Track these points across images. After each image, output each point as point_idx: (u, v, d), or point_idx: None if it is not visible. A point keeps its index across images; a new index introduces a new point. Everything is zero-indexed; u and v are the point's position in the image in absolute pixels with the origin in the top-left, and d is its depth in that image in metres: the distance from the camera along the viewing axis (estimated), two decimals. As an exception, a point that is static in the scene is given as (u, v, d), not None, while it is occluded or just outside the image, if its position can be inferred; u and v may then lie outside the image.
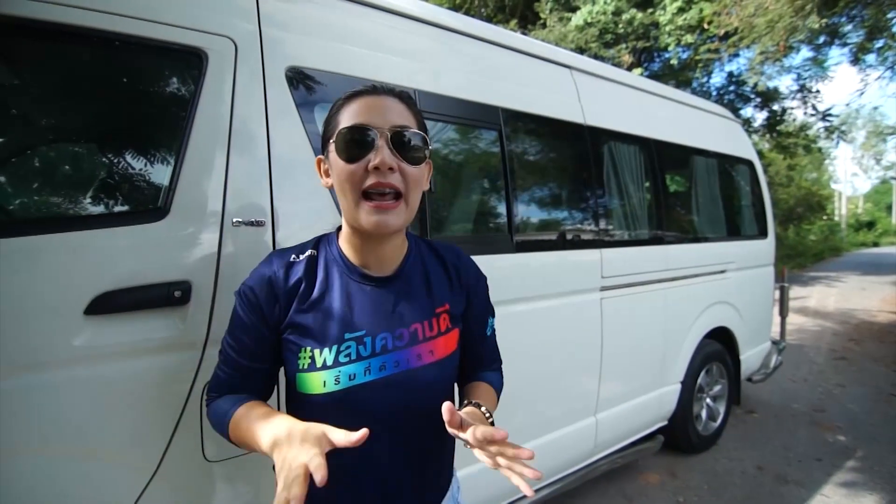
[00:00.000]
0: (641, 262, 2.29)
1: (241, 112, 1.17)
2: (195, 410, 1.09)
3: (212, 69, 1.14)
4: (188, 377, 1.09)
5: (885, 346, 5.44)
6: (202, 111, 1.12)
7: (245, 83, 1.19)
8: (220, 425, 0.78)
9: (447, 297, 0.83)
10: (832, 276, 12.00)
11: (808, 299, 8.46)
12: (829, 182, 29.51)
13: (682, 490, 2.53)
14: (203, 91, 1.13)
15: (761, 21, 7.40)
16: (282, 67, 1.26)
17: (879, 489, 2.53)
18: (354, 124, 0.71)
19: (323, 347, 0.73)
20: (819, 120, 12.94)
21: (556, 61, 2.06)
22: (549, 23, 9.64)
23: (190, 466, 1.09)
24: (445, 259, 0.86)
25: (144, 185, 1.08)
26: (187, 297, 1.07)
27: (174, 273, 1.06)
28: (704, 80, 12.23)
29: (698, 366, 2.73)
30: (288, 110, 1.26)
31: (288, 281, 0.76)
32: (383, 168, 0.69)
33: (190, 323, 1.08)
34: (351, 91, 0.76)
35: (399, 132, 0.72)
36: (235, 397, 0.79)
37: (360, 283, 0.78)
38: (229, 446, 1.12)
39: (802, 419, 3.47)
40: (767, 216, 3.42)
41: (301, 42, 1.32)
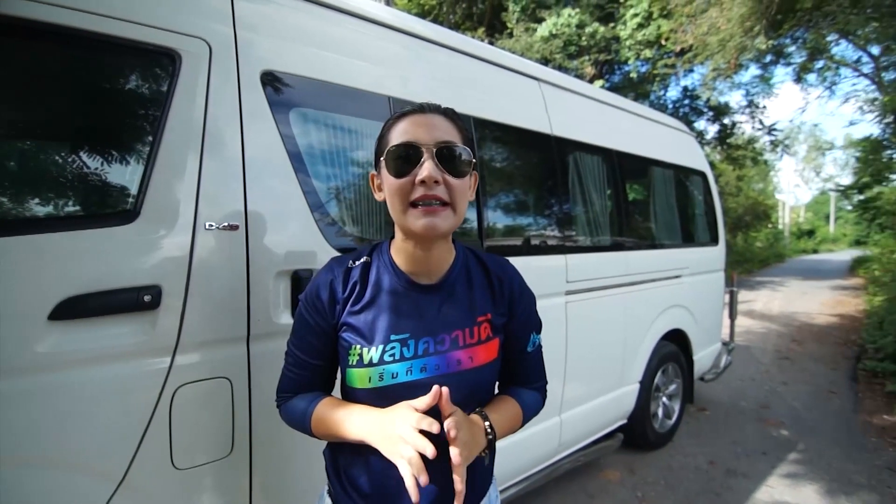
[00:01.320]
0: (604, 267, 2.39)
1: (215, 114, 1.16)
2: (164, 417, 1.07)
3: (185, 70, 1.13)
4: (157, 384, 1.07)
5: (825, 347, 5.85)
6: (175, 113, 1.10)
7: (219, 85, 1.18)
8: (300, 422, 0.85)
9: (489, 307, 0.86)
10: (776, 281, 12.76)
11: (754, 303, 8.97)
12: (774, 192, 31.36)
13: (641, 485, 2.64)
14: (176, 92, 1.11)
15: (714, 39, 7.84)
16: (256, 71, 1.26)
17: (818, 479, 2.73)
18: (402, 142, 0.76)
19: (370, 346, 0.80)
20: (765, 134, 13.80)
21: (525, 73, 2.14)
22: (516, 32, 9.86)
23: (158, 474, 1.07)
24: (490, 270, 0.89)
25: (114, 186, 1.06)
26: (157, 301, 1.05)
27: (144, 277, 1.04)
28: (661, 93, 12.81)
29: (655, 366, 2.86)
30: (262, 114, 1.26)
31: (346, 285, 0.83)
32: (429, 182, 0.74)
33: (160, 328, 1.06)
34: (400, 111, 0.81)
35: (443, 147, 0.76)
36: (309, 395, 0.87)
37: (407, 289, 0.83)
38: (199, 454, 1.12)
39: (750, 415, 3.69)
40: (719, 224, 3.63)
41: (276, 46, 1.32)
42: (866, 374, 4.65)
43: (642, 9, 9.44)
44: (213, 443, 1.16)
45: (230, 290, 1.17)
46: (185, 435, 1.10)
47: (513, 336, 0.89)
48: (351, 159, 1.48)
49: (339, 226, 1.41)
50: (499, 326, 0.86)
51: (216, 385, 1.15)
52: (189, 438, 1.11)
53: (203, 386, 1.13)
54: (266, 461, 1.24)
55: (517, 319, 0.89)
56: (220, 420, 1.16)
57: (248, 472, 1.21)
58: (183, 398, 1.10)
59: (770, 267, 17.57)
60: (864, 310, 7.86)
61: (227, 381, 1.17)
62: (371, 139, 1.53)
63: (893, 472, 2.81)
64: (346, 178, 1.47)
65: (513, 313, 0.88)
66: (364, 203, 1.48)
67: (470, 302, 0.85)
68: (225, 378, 1.16)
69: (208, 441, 1.15)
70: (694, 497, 2.54)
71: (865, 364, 4.81)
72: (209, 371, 1.14)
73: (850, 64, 12.73)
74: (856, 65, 12.66)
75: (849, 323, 7.19)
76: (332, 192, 1.42)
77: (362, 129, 1.50)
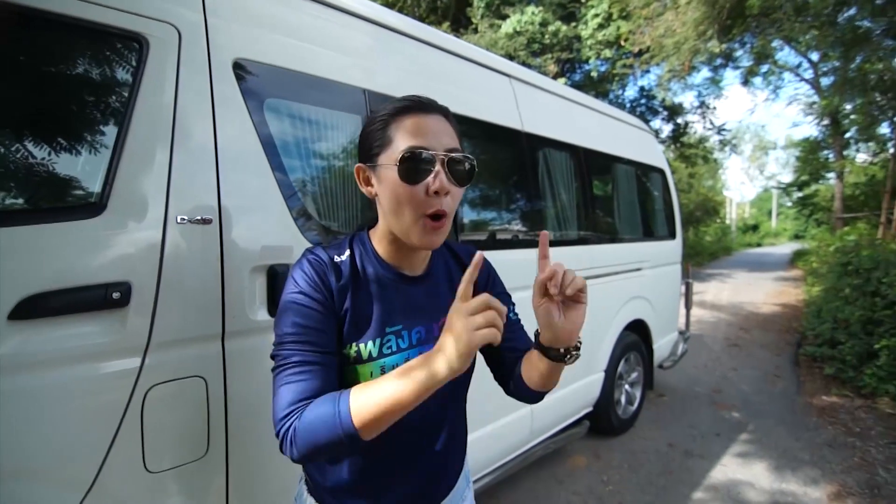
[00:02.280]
0: (572, 260, 2.46)
1: (186, 104, 1.12)
2: (135, 419, 1.03)
3: (153, 57, 1.08)
4: (128, 385, 1.02)
5: (770, 334, 6.25)
6: (143, 101, 1.05)
7: (189, 73, 1.13)
8: (333, 425, 0.65)
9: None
10: (725, 273, 13.49)
11: (705, 294, 9.45)
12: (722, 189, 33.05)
13: (606, 469, 2.75)
14: (144, 80, 1.06)
15: (669, 42, 8.15)
16: (228, 59, 1.22)
17: (767, 457, 2.93)
18: (416, 148, 0.73)
19: (367, 341, 0.77)
20: (715, 133, 14.52)
21: (497, 69, 2.16)
22: (481, 28, 9.91)
23: (130, 479, 1.03)
24: (463, 259, 0.93)
25: (78, 178, 1.00)
26: (127, 298, 1.01)
27: (112, 273, 0.99)
28: (620, 92, 13.22)
29: (619, 355, 2.98)
30: (235, 104, 1.22)
31: (339, 279, 0.78)
32: (442, 193, 0.73)
33: (130, 327, 1.02)
34: (399, 104, 0.77)
35: (454, 158, 0.75)
36: (326, 396, 0.69)
37: (395, 281, 0.82)
38: (173, 456, 1.09)
39: (704, 400, 3.91)
40: (676, 219, 3.81)
41: (248, 34, 1.28)
42: (807, 358, 5.01)
43: (602, 9, 9.70)
44: (188, 444, 1.12)
45: (204, 287, 1.13)
46: (157, 437, 1.06)
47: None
48: (327, 152, 1.46)
49: (317, 220, 1.39)
50: None
51: (190, 385, 1.11)
52: (162, 440, 1.07)
53: (176, 386, 1.09)
54: (243, 461, 1.21)
55: (497, 296, 0.91)
56: (194, 420, 1.13)
57: (225, 473, 1.18)
58: (155, 399, 1.05)
59: (719, 260, 18.54)
60: (803, 299, 8.43)
61: (201, 380, 1.13)
62: (347, 132, 1.51)
63: (832, 448, 3.05)
64: (323, 171, 1.44)
65: (492, 292, 0.89)
66: (342, 196, 1.46)
67: (451, 290, 0.85)
68: (199, 377, 1.13)
69: (182, 442, 1.11)
70: (655, 478, 2.67)
71: (806, 349, 5.18)
72: (182, 370, 1.10)
73: (792, 69, 13.59)
74: (797, 70, 13.52)
75: (790, 312, 7.70)
76: (308, 185, 1.39)
77: (338, 120, 1.48)
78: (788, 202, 27.79)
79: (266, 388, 1.24)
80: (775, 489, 2.58)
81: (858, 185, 14.09)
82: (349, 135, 1.51)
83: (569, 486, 2.57)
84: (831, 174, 15.33)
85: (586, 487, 2.56)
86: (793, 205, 24.83)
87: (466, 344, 0.61)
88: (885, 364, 3.84)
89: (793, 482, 2.64)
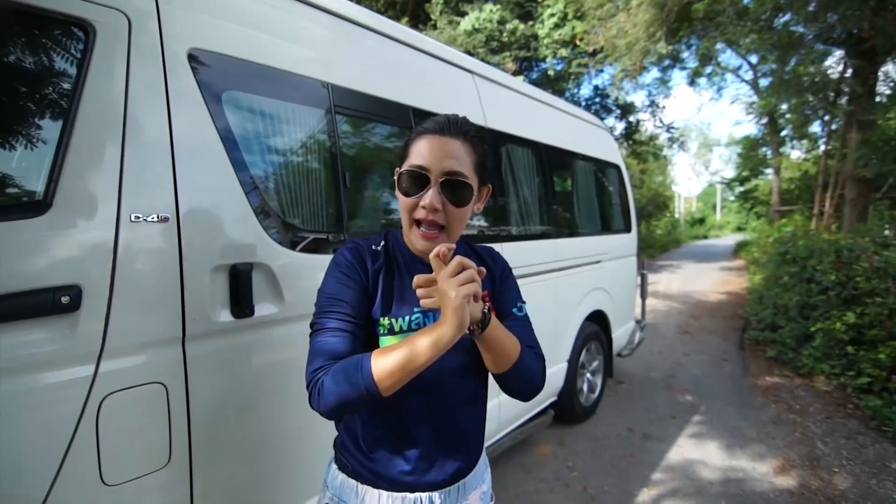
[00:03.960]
0: (536, 254, 2.51)
1: (138, 96, 1.06)
2: (90, 430, 0.97)
3: (100, 45, 1.01)
4: (80, 394, 0.96)
5: (717, 321, 6.62)
6: (90, 93, 0.99)
7: (141, 64, 1.07)
8: (354, 376, 0.75)
9: (488, 284, 0.97)
10: (675, 264, 14.16)
11: (657, 284, 9.89)
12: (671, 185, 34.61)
13: (571, 456, 2.84)
14: (91, 70, 1.00)
15: (622, 42, 8.44)
16: (183, 49, 1.16)
17: (718, 436, 3.11)
18: (414, 165, 0.84)
19: (399, 317, 0.88)
20: (664, 131, 15.18)
21: (459, 65, 2.17)
22: (440, 24, 9.90)
23: (86, 493, 0.97)
24: (482, 255, 1.02)
25: (21, 175, 0.93)
26: (77, 303, 0.95)
27: (60, 276, 0.93)
28: (576, 90, 13.57)
29: (581, 345, 3.08)
30: (192, 97, 1.17)
31: (375, 263, 0.90)
32: (429, 209, 0.83)
33: (81, 332, 0.96)
34: (426, 125, 0.87)
35: (448, 179, 0.83)
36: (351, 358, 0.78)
37: (422, 269, 0.87)
38: (133, 467, 1.04)
39: (659, 385, 4.09)
40: (631, 213, 3.96)
41: (204, 23, 1.22)
42: (751, 342, 5.34)
43: (558, 9, 9.92)
44: (148, 454, 1.07)
45: (161, 288, 1.08)
46: (115, 448, 1.01)
47: (505, 303, 0.99)
48: (291, 146, 1.42)
49: (281, 217, 1.35)
50: (495, 300, 0.98)
51: (149, 391, 1.06)
52: (120, 451, 1.02)
53: (134, 393, 1.04)
54: (207, 469, 1.17)
55: (507, 291, 1.00)
56: (154, 429, 1.08)
57: (189, 482, 1.14)
58: (111, 408, 1.00)
59: (669, 252, 19.43)
60: (746, 287, 8.98)
61: (161, 386, 1.08)
62: (309, 126, 1.48)
63: (776, 424, 3.27)
64: (287, 167, 1.40)
65: (504, 286, 1.00)
66: (306, 192, 1.43)
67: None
68: (159, 383, 1.08)
69: (142, 452, 1.06)
70: (617, 461, 2.78)
71: (750, 334, 5.52)
72: (140, 377, 1.05)
73: (733, 71, 14.38)
74: (737, 72, 14.32)
75: (735, 299, 8.19)
76: (271, 181, 1.35)
77: (301, 115, 1.44)
78: (731, 196, 29.48)
79: (229, 392, 1.21)
80: (726, 466, 2.74)
81: (793, 179, 15.12)
82: (312, 129, 1.47)
83: (536, 474, 2.63)
84: (769, 170, 16.38)
85: (553, 474, 2.63)
86: (735, 199, 26.36)
87: (454, 299, 0.71)
88: (821, 345, 4.15)
89: (742, 458, 2.82)
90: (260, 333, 1.27)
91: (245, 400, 1.25)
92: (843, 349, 3.93)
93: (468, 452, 0.95)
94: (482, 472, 1.01)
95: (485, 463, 1.04)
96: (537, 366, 0.94)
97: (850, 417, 3.34)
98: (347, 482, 0.91)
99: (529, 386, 0.92)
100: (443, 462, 0.91)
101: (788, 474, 2.63)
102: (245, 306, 1.22)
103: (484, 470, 1.02)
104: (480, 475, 0.99)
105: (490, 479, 1.05)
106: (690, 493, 2.46)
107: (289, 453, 1.36)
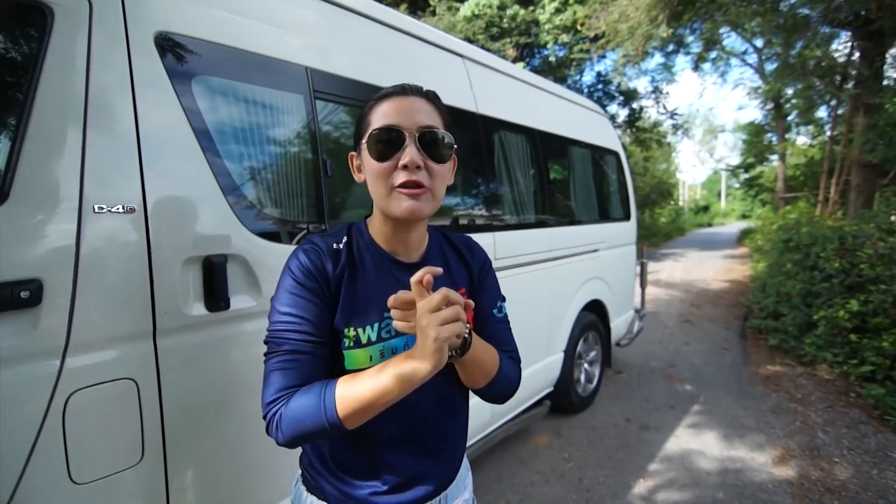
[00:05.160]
0: (530, 243, 2.46)
1: (101, 82, 1.01)
2: (56, 428, 0.94)
3: (59, 29, 0.97)
4: (45, 391, 0.93)
5: (719, 309, 6.56)
6: (48, 79, 0.94)
7: (104, 48, 1.03)
8: (318, 413, 0.69)
9: (465, 281, 0.91)
10: (678, 253, 14.07)
11: (660, 273, 9.83)
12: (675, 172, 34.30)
13: (567, 447, 2.82)
14: (48, 55, 0.95)
15: (624, 27, 8.28)
16: (149, 32, 1.11)
17: (716, 426, 3.08)
18: (384, 125, 0.76)
19: (366, 326, 0.79)
20: (668, 118, 14.98)
21: (450, 49, 2.10)
22: (439, 10, 9.74)
23: (54, 491, 0.95)
24: (459, 247, 0.94)
25: (-29, 164, 0.89)
26: (38, 297, 0.91)
27: (19, 270, 0.89)
28: (578, 77, 13.39)
29: (578, 335, 3.04)
30: (159, 82, 1.12)
31: (336, 266, 0.80)
32: (412, 166, 0.75)
33: (43, 328, 0.92)
34: (382, 92, 0.81)
35: (426, 132, 0.77)
36: (311, 386, 0.72)
37: (391, 267, 0.84)
38: (103, 464, 1.01)
39: (659, 374, 4.06)
40: (631, 201, 3.89)
41: (172, 5, 1.17)
42: (753, 331, 5.29)
43: (559, -7, 9.73)
44: (120, 451, 1.04)
45: (129, 281, 1.04)
46: (84, 445, 0.98)
47: (483, 303, 0.93)
48: (267, 134, 1.37)
49: (257, 207, 1.31)
50: (473, 297, 0.91)
51: (119, 387, 1.03)
52: (89, 449, 0.99)
53: (102, 390, 1.01)
54: (183, 465, 1.14)
55: (486, 288, 0.94)
56: (126, 426, 1.05)
57: (164, 479, 1.11)
58: (78, 405, 0.97)
59: (673, 240, 19.31)
60: (749, 275, 8.91)
61: (132, 382, 1.05)
62: (288, 112, 1.43)
63: (776, 414, 3.24)
64: (263, 155, 1.36)
65: (482, 282, 0.94)
66: (285, 182, 1.39)
67: (449, 276, 0.89)
68: (129, 379, 1.05)
69: (113, 450, 1.03)
70: (614, 452, 2.76)
71: (752, 322, 5.47)
72: (109, 373, 1.02)
73: (738, 55, 14.13)
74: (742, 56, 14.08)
75: (738, 287, 8.12)
76: (246, 170, 1.30)
77: (279, 101, 1.40)
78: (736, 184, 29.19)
79: (204, 387, 1.18)
80: (725, 456, 2.71)
81: (799, 166, 14.92)
82: (290, 116, 1.43)
83: (532, 465, 2.61)
84: (775, 156, 16.17)
85: (548, 466, 2.61)
86: (740, 186, 26.09)
87: (435, 340, 0.64)
88: (823, 333, 4.10)
89: (741, 448, 2.79)
90: (237, 327, 1.24)
91: (221, 395, 1.22)
92: (846, 337, 3.88)
93: (449, 466, 0.90)
94: (464, 478, 0.96)
95: (466, 468, 0.99)
96: (514, 373, 0.91)
97: (852, 406, 3.30)
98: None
99: (504, 394, 0.89)
100: (420, 480, 0.85)
101: (788, 464, 2.60)
102: (220, 299, 1.19)
103: (466, 476, 0.98)
104: (462, 482, 0.95)
105: (472, 484, 1.01)
106: (687, 484, 2.44)
107: (267, 449, 1.33)
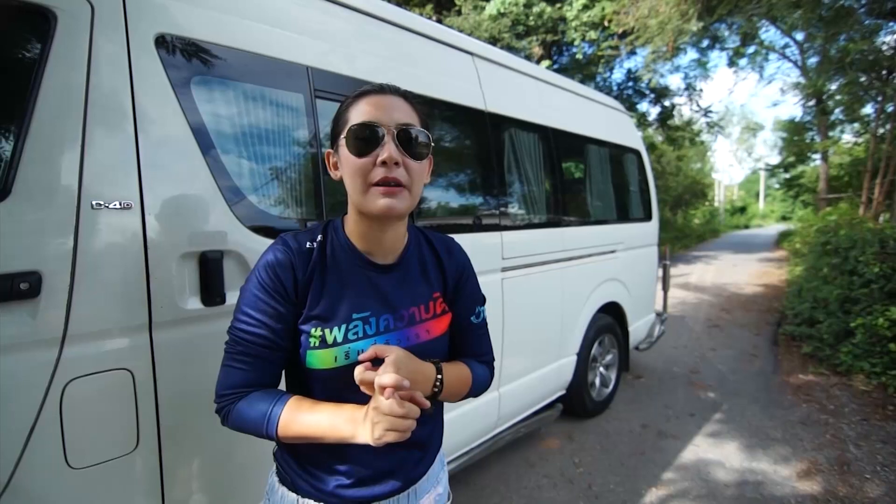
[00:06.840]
0: (540, 243, 2.43)
1: (101, 82, 1.05)
2: (54, 415, 0.98)
3: (62, 32, 1.01)
4: (42, 379, 0.97)
5: (750, 314, 6.30)
6: (51, 80, 0.99)
7: (105, 49, 1.06)
8: (259, 428, 0.77)
9: (440, 284, 0.91)
10: (711, 255, 13.59)
11: (690, 275, 9.51)
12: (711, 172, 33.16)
13: (579, 451, 2.76)
14: (51, 56, 0.99)
15: (654, 22, 8.06)
16: (150, 34, 1.15)
17: (739, 436, 2.95)
18: (363, 122, 0.76)
19: (333, 327, 0.79)
20: (702, 116, 14.48)
21: (457, 47, 2.09)
22: (465, 10, 9.71)
23: (51, 475, 0.99)
24: (438, 249, 0.93)
25: (-26, 161, 0.93)
26: (37, 289, 0.95)
27: (19, 263, 0.94)
28: (607, 75, 13.10)
29: (592, 338, 2.97)
30: (159, 82, 1.15)
31: (307, 267, 0.80)
32: (390, 162, 0.75)
33: (42, 318, 0.97)
34: (360, 90, 0.81)
35: (404, 129, 0.77)
36: (265, 394, 0.79)
37: (365, 268, 0.83)
38: (99, 451, 1.05)
39: (681, 380, 3.93)
40: (652, 201, 3.78)
41: (172, 6, 1.20)
42: (786, 337, 5.06)
43: (587, -11, 9.55)
44: (116, 439, 1.08)
45: (126, 276, 1.08)
46: (80, 432, 1.02)
47: (461, 308, 0.93)
48: (265, 132, 1.39)
49: (255, 205, 1.33)
50: (449, 301, 0.92)
51: (115, 377, 1.07)
52: (86, 436, 1.03)
53: (99, 379, 1.04)
54: (177, 454, 1.17)
55: (464, 293, 0.93)
56: (121, 414, 1.08)
57: (159, 467, 1.15)
58: (75, 393, 1.01)
59: (706, 242, 18.67)
60: (786, 279, 8.52)
61: (127, 372, 1.08)
62: (288, 111, 1.45)
63: (805, 425, 3.08)
64: (263, 153, 1.38)
65: (460, 287, 0.93)
66: (283, 179, 1.41)
67: (425, 279, 0.89)
68: (125, 370, 1.08)
69: (109, 437, 1.07)
70: (626, 458, 2.68)
71: (785, 329, 5.23)
72: (105, 363, 1.05)
73: (777, 50, 13.53)
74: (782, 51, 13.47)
75: (772, 292, 7.78)
76: (245, 169, 1.33)
77: (279, 99, 1.42)
78: (776, 184, 27.97)
79: (200, 379, 1.21)
80: (745, 468, 2.60)
81: (843, 165, 14.17)
82: (289, 114, 1.45)
83: (540, 468, 2.57)
84: (817, 155, 15.41)
85: (557, 470, 2.56)
86: (780, 187, 24.98)
87: (377, 439, 0.68)
88: (861, 342, 3.88)
89: (763, 460, 2.67)
90: (233, 321, 1.27)
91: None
92: (886, 346, 3.66)
93: (419, 463, 0.89)
94: (437, 473, 0.96)
95: (441, 464, 0.99)
96: (484, 379, 0.92)
97: (890, 420, 3.10)
98: (288, 496, 0.86)
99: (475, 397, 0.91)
100: (389, 475, 0.85)
101: (813, 479, 2.47)
102: (215, 294, 1.21)
103: (439, 471, 0.97)
104: (435, 477, 0.95)
105: (447, 480, 1.01)
106: (702, 495, 2.35)
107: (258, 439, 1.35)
